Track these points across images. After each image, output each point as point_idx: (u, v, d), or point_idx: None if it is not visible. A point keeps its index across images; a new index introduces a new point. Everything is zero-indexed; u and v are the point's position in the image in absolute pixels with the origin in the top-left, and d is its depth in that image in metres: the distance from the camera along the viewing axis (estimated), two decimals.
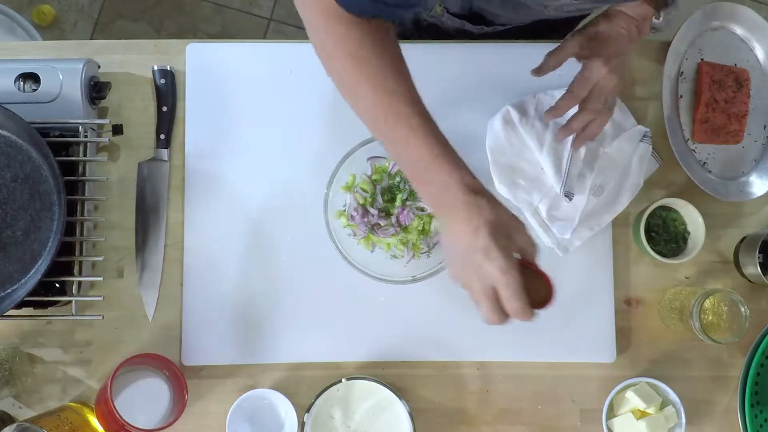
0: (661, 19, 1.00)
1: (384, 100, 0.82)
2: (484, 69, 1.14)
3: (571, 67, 1.14)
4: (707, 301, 1.02)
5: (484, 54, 1.15)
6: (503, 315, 0.81)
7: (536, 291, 0.85)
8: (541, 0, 0.99)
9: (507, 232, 0.81)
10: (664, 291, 1.11)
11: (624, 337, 1.11)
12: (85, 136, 1.07)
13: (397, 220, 1.07)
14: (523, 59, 1.13)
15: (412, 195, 1.07)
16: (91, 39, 2.14)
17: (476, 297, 0.82)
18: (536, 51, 1.12)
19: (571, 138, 1.09)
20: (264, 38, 2.19)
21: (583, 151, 1.09)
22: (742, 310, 1.02)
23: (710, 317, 1.07)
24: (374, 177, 1.08)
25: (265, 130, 1.13)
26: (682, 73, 1.16)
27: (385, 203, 1.07)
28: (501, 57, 1.14)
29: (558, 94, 1.11)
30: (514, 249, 0.81)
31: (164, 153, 1.12)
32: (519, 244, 0.82)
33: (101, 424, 1.01)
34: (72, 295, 1.06)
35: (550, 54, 1.03)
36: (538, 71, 1.05)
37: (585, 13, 1.02)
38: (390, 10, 0.82)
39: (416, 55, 1.14)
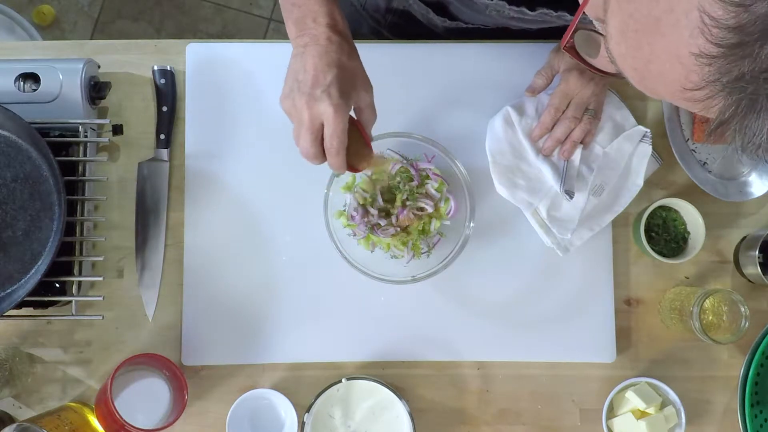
0: None
1: None
2: (484, 69, 1.14)
3: None
4: (707, 301, 1.02)
5: (484, 54, 1.15)
6: (320, 151, 0.83)
7: (356, 153, 0.89)
8: (484, 0, 0.96)
9: (354, 82, 0.84)
10: (664, 291, 1.11)
11: (624, 337, 1.11)
12: (85, 136, 1.07)
13: (397, 220, 1.07)
14: (523, 59, 1.13)
15: (412, 195, 1.07)
16: (91, 39, 2.14)
17: (298, 130, 0.85)
18: (537, 51, 1.12)
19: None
20: (264, 38, 2.19)
21: (579, 151, 1.09)
22: (742, 310, 1.02)
23: (710, 317, 1.07)
24: (374, 177, 1.08)
25: (265, 130, 1.13)
26: None
27: (385, 203, 1.07)
28: (501, 57, 1.14)
29: None
30: (354, 101, 0.84)
31: (164, 153, 1.12)
32: (360, 101, 0.85)
33: (101, 424, 1.01)
34: (72, 295, 1.06)
35: (537, 73, 1.08)
36: (531, 91, 1.09)
37: (552, 26, 1.01)
38: None
39: (417, 55, 1.15)
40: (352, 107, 0.86)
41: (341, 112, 0.82)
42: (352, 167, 0.87)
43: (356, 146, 0.87)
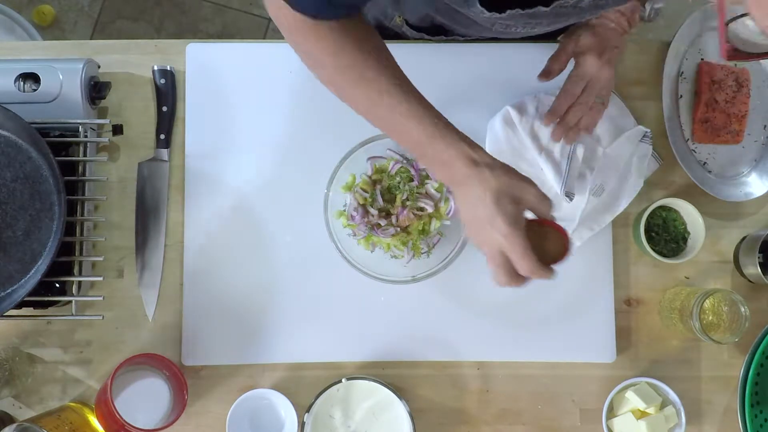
0: (647, 9, 1.02)
1: (373, 98, 0.86)
2: (484, 69, 1.14)
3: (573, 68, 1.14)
4: (707, 301, 1.02)
5: (484, 54, 1.15)
6: (517, 277, 0.83)
7: (554, 246, 0.87)
8: (475, 12, 0.93)
9: (512, 195, 0.82)
10: (664, 291, 1.11)
11: (624, 337, 1.11)
12: (85, 136, 1.07)
13: (397, 220, 1.07)
14: (523, 59, 1.13)
15: (412, 195, 1.07)
16: (91, 39, 2.14)
17: (488, 262, 0.84)
18: (537, 51, 1.12)
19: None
20: (264, 38, 2.19)
21: (582, 151, 1.09)
22: (742, 310, 1.02)
23: (710, 317, 1.07)
24: (374, 177, 1.08)
25: (265, 130, 1.13)
26: (682, 73, 1.16)
27: (385, 203, 1.07)
28: (501, 57, 1.14)
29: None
30: (524, 209, 0.83)
31: (164, 153, 1.12)
32: (528, 203, 0.84)
33: (101, 424, 1.01)
34: (72, 295, 1.06)
35: (552, 58, 1.07)
36: (546, 75, 1.07)
37: (546, 31, 1.01)
38: (338, 8, 0.83)
39: (417, 55, 1.15)
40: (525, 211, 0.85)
41: (514, 236, 0.81)
42: (554, 262, 0.85)
43: (547, 241, 0.86)
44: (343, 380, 1.03)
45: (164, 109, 1.12)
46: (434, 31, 1.15)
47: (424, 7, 1.08)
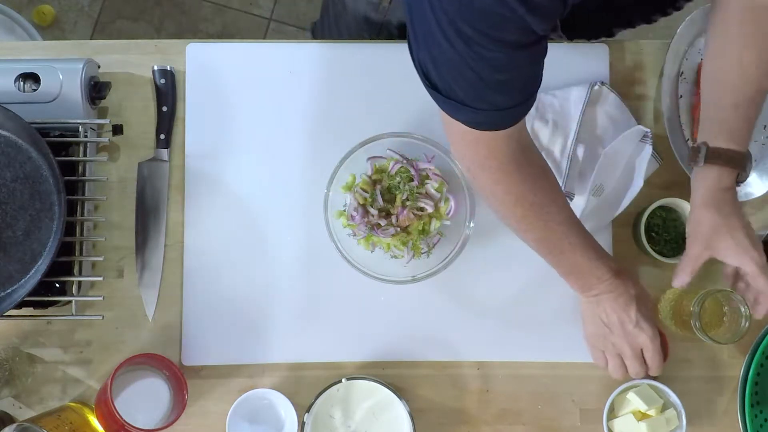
0: (747, 172, 1.01)
1: (549, 228, 0.96)
2: None
3: (574, 67, 1.15)
4: (707, 301, 1.02)
5: None
6: (644, 370, 1.03)
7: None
8: None
9: (646, 303, 1.02)
10: (664, 291, 1.11)
11: None
12: (85, 136, 1.07)
13: (397, 220, 1.07)
14: None
15: (412, 195, 1.06)
16: (91, 39, 2.14)
17: (621, 360, 1.03)
18: None
19: (570, 137, 1.09)
20: (264, 38, 2.19)
21: (582, 151, 1.09)
22: (742, 310, 1.02)
23: (710, 317, 1.07)
24: (374, 177, 1.08)
25: (265, 130, 1.13)
26: (682, 73, 1.16)
27: (385, 203, 1.07)
28: None
29: (560, 93, 1.12)
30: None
31: (164, 153, 1.12)
32: (650, 312, 1.03)
33: (101, 424, 1.01)
34: (72, 295, 1.06)
35: (689, 264, 1.03)
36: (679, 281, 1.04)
37: None
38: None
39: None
40: None
41: (656, 337, 1.01)
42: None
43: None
44: (343, 380, 1.03)
45: (164, 109, 1.12)
46: None
47: None
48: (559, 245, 0.97)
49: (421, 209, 1.07)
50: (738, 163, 0.98)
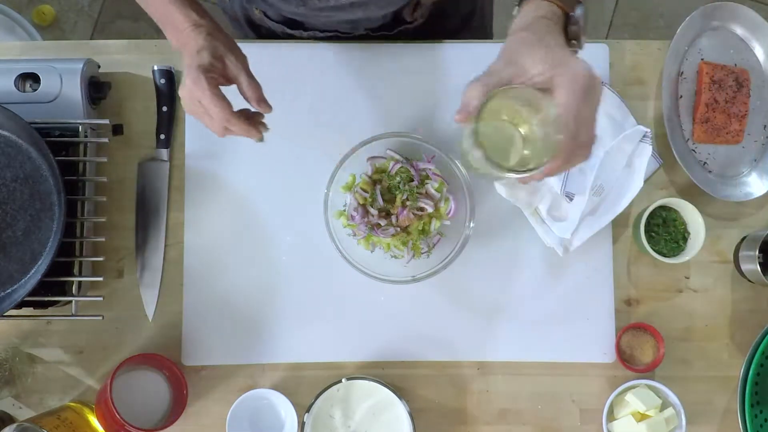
0: (581, 12, 0.82)
1: None
2: (484, 68, 1.14)
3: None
4: (491, 103, 0.74)
5: (485, 54, 1.14)
6: (216, 123, 0.93)
7: (651, 349, 1.07)
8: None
9: (215, 51, 0.91)
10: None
11: None
12: (85, 136, 1.07)
13: (397, 220, 1.07)
14: None
15: (412, 195, 1.07)
16: (91, 39, 2.14)
17: (200, 119, 0.94)
18: None
19: None
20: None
21: None
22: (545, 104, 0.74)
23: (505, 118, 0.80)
24: (374, 177, 1.08)
25: None
26: (682, 73, 1.16)
27: (385, 203, 1.07)
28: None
29: None
30: (223, 76, 0.92)
31: (164, 153, 1.12)
32: (230, 64, 0.93)
33: (101, 424, 1.01)
34: (72, 295, 1.06)
35: (475, 85, 0.82)
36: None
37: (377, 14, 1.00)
38: None
39: (417, 55, 1.15)
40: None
41: (199, 80, 0.89)
42: (652, 363, 1.05)
43: (646, 344, 1.07)
44: (343, 380, 1.03)
45: (164, 109, 1.12)
46: (293, 24, 1.14)
47: None
48: None
49: (421, 209, 1.07)
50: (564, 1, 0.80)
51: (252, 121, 0.94)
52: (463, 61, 1.14)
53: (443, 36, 1.18)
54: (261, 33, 1.21)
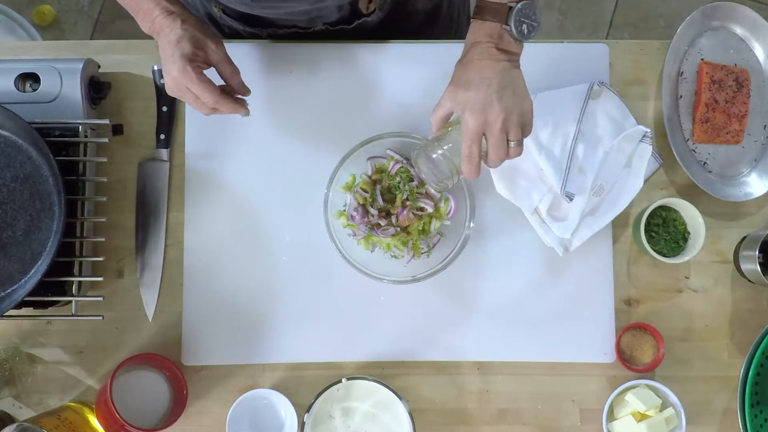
0: (511, 25, 0.90)
1: None
2: None
3: (574, 67, 1.15)
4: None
5: None
6: (204, 105, 0.95)
7: (651, 349, 1.08)
8: None
9: (195, 40, 0.94)
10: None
11: None
12: (85, 136, 1.07)
13: (397, 220, 1.07)
14: (523, 58, 1.13)
15: (412, 195, 1.07)
16: (91, 39, 2.14)
17: (186, 101, 0.97)
18: (537, 50, 1.12)
19: (570, 137, 1.09)
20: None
21: (582, 151, 1.09)
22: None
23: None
24: (374, 177, 1.08)
25: (265, 130, 1.13)
26: (682, 73, 1.16)
27: (385, 203, 1.07)
28: None
29: (560, 93, 1.11)
30: (205, 62, 0.96)
31: (164, 153, 1.12)
32: (210, 54, 0.96)
33: (101, 424, 1.01)
34: (72, 295, 1.06)
35: (432, 114, 0.95)
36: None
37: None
38: None
39: (416, 55, 1.15)
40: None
41: (185, 70, 0.93)
42: (652, 363, 1.07)
43: (646, 344, 1.08)
44: (343, 380, 1.03)
45: (164, 109, 1.12)
46: (251, 21, 1.13)
47: None
48: None
49: (421, 209, 1.07)
50: (495, 15, 0.90)
51: (236, 98, 0.99)
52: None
53: (409, 31, 1.18)
54: (225, 32, 1.20)
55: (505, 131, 0.89)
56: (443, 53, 1.15)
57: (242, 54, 1.15)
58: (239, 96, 1.00)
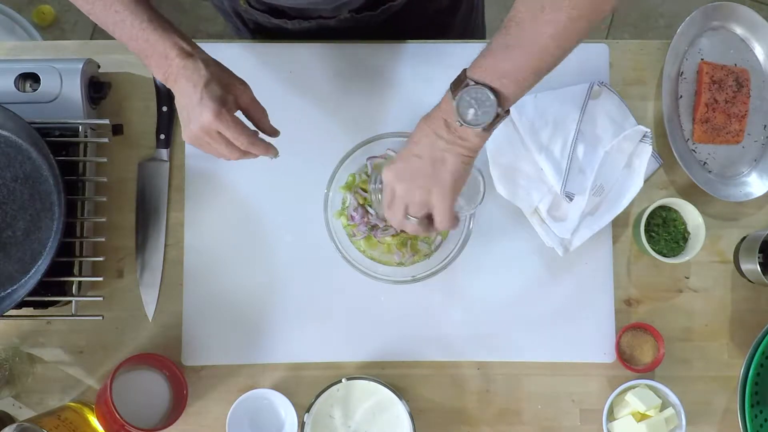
0: (455, 103, 0.83)
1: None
2: None
3: (573, 67, 1.15)
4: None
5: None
6: (236, 150, 0.91)
7: (651, 349, 1.08)
8: None
9: (222, 81, 0.88)
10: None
11: None
12: (85, 136, 1.07)
13: None
14: None
15: None
16: (91, 39, 2.14)
17: (208, 149, 0.91)
18: None
19: (570, 136, 1.09)
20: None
21: (582, 151, 1.09)
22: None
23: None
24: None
25: None
26: (682, 73, 1.16)
27: None
28: None
29: (560, 93, 1.11)
30: (233, 98, 0.89)
31: (164, 153, 1.12)
32: (239, 97, 0.90)
33: (101, 424, 1.01)
34: (72, 295, 1.06)
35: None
36: None
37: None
38: None
39: (416, 54, 1.15)
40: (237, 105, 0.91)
41: (221, 114, 0.87)
42: (651, 363, 1.08)
43: (646, 344, 1.09)
44: (343, 380, 1.03)
45: (164, 109, 1.12)
46: (276, 13, 1.12)
47: None
48: (106, 17, 0.88)
49: None
50: (455, 86, 0.85)
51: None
52: (464, 61, 1.14)
53: (431, 19, 1.16)
54: (250, 27, 1.20)
55: (405, 202, 0.89)
56: (447, 53, 1.15)
57: (242, 54, 1.15)
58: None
